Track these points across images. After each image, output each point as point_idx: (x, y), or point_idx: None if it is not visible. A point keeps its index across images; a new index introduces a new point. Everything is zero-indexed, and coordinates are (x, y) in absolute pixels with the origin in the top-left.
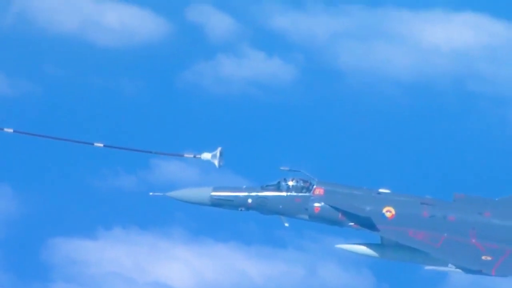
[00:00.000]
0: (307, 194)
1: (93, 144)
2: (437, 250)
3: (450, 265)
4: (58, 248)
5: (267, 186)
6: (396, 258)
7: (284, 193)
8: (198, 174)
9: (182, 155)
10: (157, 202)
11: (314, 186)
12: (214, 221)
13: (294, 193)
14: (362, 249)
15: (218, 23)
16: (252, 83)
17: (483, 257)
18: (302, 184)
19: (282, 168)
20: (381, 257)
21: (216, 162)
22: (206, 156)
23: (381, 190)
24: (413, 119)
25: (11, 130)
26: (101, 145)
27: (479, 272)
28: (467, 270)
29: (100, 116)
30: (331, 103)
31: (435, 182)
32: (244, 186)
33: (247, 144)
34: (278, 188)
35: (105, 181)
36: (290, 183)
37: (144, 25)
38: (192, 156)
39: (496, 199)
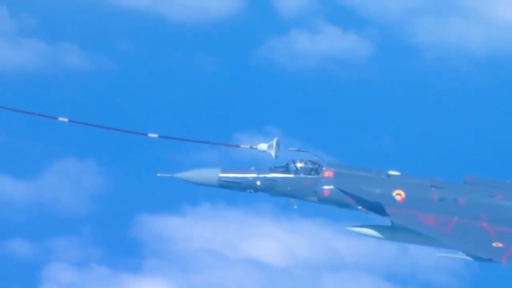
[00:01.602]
0: (316, 176)
1: (147, 135)
2: (446, 236)
3: (460, 252)
4: (146, 225)
5: (275, 168)
6: (407, 240)
7: (292, 175)
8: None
9: (239, 146)
10: None
11: (324, 168)
12: None
13: (302, 175)
14: (372, 232)
15: None
16: (328, 59)
17: (494, 244)
18: (310, 166)
19: (290, 148)
20: (391, 240)
21: (272, 153)
22: (263, 146)
23: (390, 172)
24: (487, 95)
25: (66, 120)
26: (156, 135)
27: (489, 260)
28: (477, 258)
29: (175, 92)
30: (406, 79)
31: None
32: (253, 168)
33: (324, 119)
34: (286, 170)
35: (188, 156)
36: (299, 165)
37: (216, 0)
38: (248, 147)
39: (508, 181)
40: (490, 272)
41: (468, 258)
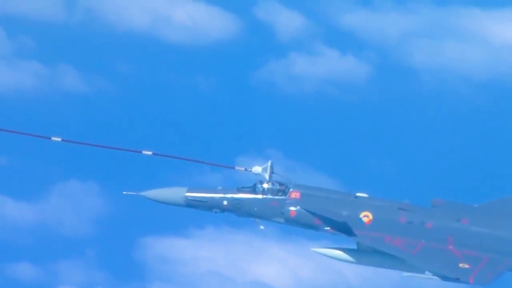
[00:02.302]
0: (283, 197)
1: (141, 152)
2: (413, 257)
3: (427, 272)
4: (151, 248)
5: (242, 188)
6: (372, 263)
7: (259, 196)
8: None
9: (233, 168)
10: None
11: (290, 190)
12: None
13: (270, 196)
14: (338, 253)
15: (287, 21)
16: (327, 81)
17: (461, 265)
18: (278, 187)
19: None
20: (357, 262)
21: (266, 176)
22: (257, 169)
23: (358, 194)
24: (485, 117)
25: (59, 139)
26: (150, 153)
27: (456, 279)
28: (444, 278)
29: (174, 114)
30: (405, 101)
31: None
32: (220, 187)
33: (323, 142)
34: (253, 190)
35: (191, 178)
36: (266, 185)
37: (214, 23)
38: (243, 169)
39: (475, 206)
40: None
41: (435, 278)
